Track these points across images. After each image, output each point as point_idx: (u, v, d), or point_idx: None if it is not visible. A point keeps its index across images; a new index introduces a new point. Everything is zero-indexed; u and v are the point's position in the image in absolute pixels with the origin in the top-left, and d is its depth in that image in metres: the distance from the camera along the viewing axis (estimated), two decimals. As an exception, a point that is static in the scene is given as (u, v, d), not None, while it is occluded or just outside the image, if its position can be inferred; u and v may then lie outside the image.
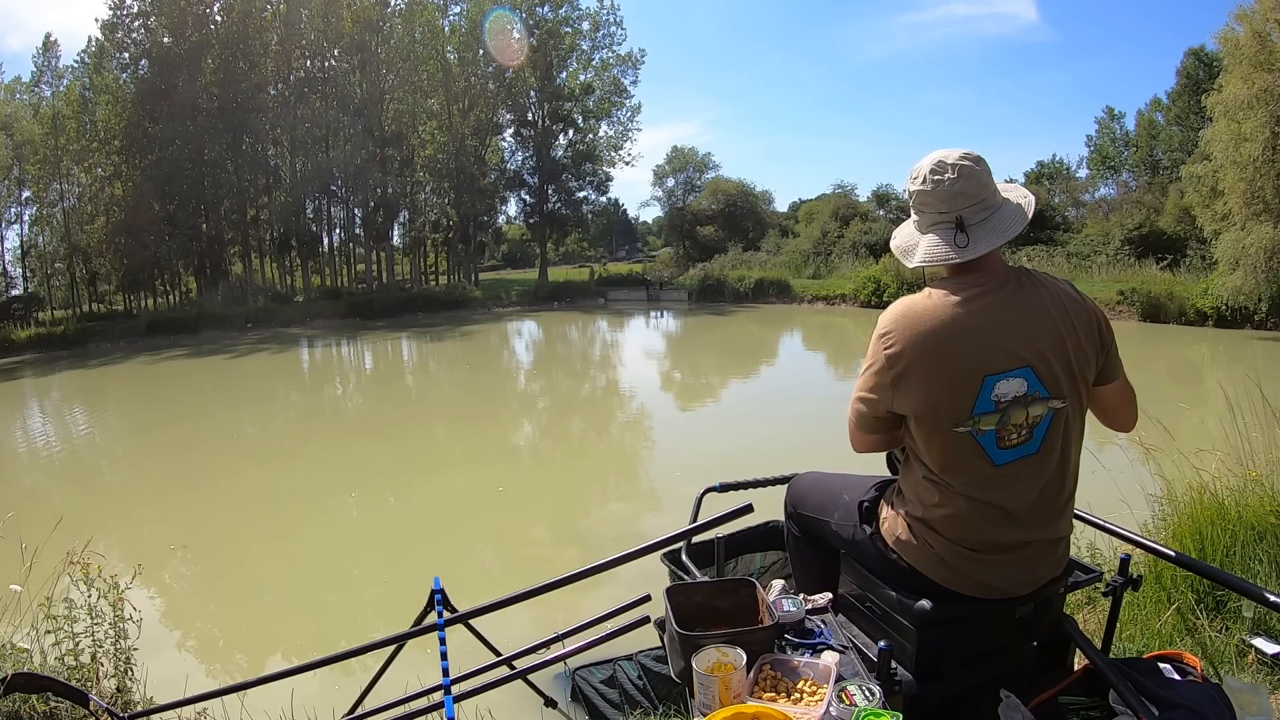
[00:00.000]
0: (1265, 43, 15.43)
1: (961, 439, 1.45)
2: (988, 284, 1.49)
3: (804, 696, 1.38)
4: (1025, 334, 1.45)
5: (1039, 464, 1.48)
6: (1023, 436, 1.46)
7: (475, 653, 2.42)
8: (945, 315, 1.45)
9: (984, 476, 1.46)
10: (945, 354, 1.45)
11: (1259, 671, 2.30)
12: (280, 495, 7.83)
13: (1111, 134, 32.61)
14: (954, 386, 1.44)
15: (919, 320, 1.46)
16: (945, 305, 1.47)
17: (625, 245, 58.43)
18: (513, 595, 1.84)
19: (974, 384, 1.44)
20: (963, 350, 1.44)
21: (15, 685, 2.03)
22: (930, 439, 1.48)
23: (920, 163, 1.56)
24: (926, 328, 1.45)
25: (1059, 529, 1.54)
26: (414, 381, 17.48)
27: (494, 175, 36.77)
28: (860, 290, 24.92)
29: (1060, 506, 1.53)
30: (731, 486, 2.47)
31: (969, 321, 1.45)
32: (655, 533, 1.97)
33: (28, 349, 23.69)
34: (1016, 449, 1.46)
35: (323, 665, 2.05)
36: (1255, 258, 15.53)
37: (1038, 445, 1.47)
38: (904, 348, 1.46)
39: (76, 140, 27.86)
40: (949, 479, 1.48)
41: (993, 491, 1.47)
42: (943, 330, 1.45)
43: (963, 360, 1.44)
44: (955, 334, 1.45)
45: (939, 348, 1.45)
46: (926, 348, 1.45)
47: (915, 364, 1.45)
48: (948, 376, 1.44)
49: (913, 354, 1.45)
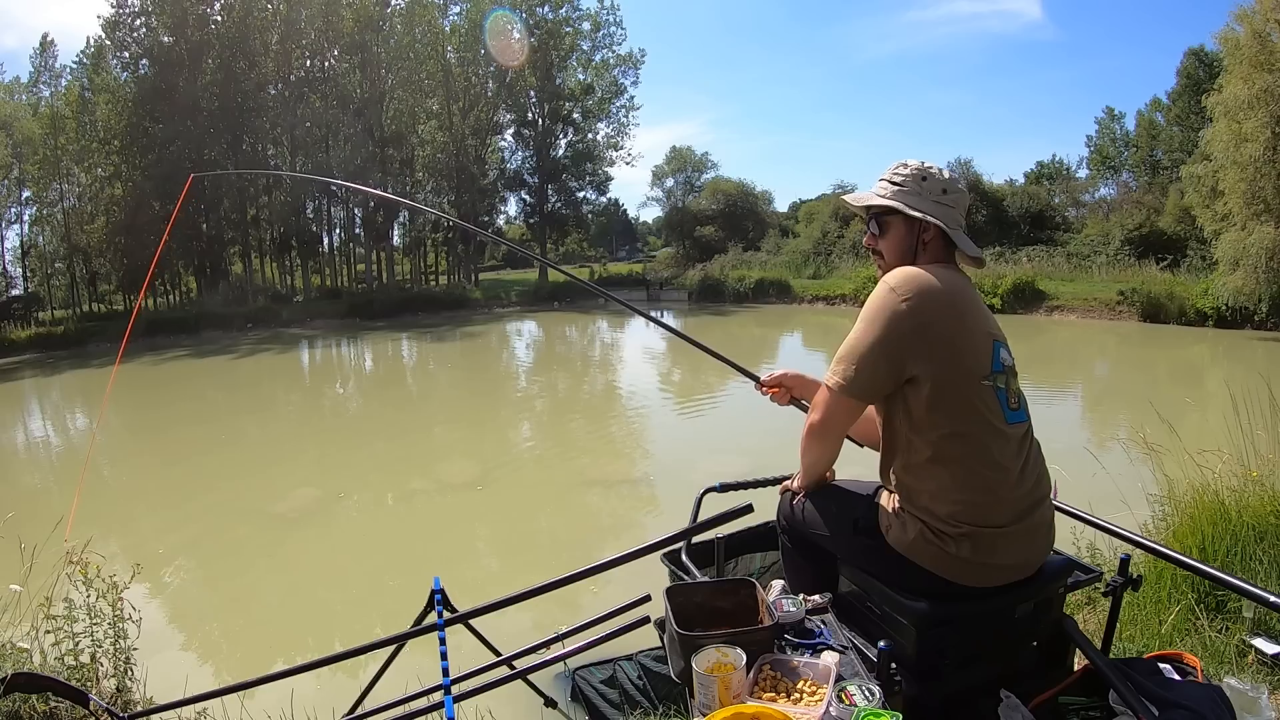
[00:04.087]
0: (1265, 43, 15.44)
1: (986, 392, 1.51)
2: (962, 275, 1.65)
3: (804, 697, 1.38)
4: (992, 318, 1.62)
5: (1029, 432, 1.59)
6: (1017, 403, 1.56)
7: (475, 653, 2.42)
8: (952, 282, 1.56)
9: (995, 434, 1.50)
10: (963, 313, 1.54)
11: (1259, 671, 2.30)
12: (280, 495, 7.83)
13: (1111, 134, 32.63)
14: (975, 343, 1.53)
15: (934, 282, 1.53)
16: (950, 277, 1.58)
17: (625, 245, 58.39)
18: (513, 595, 1.84)
19: (989, 345, 1.54)
20: (975, 314, 1.56)
21: (15, 685, 2.03)
22: (947, 394, 1.50)
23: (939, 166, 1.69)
24: (945, 289, 1.53)
25: (1047, 504, 1.61)
26: (414, 382, 17.48)
27: (494, 175, 36.77)
28: (861, 290, 24.91)
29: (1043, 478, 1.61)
30: (731, 486, 2.46)
31: (970, 294, 1.59)
32: (655, 533, 1.97)
33: (28, 349, 23.68)
34: (1015, 413, 1.55)
35: (323, 665, 2.04)
36: (1256, 258, 15.54)
37: (1026, 416, 1.59)
38: (923, 301, 1.51)
39: (76, 140, 27.84)
40: (960, 442, 1.49)
41: (1001, 451, 1.51)
42: (957, 295, 1.55)
43: (977, 322, 1.55)
44: (967, 301, 1.56)
45: (957, 308, 1.53)
46: (943, 305, 1.52)
47: (938, 318, 1.51)
48: (969, 332, 1.53)
49: (934, 309, 1.51)
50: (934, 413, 1.50)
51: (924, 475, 1.53)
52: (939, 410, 1.49)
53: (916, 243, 1.65)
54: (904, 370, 1.51)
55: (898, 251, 1.67)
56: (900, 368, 1.51)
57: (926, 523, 1.52)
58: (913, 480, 1.55)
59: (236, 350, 22.08)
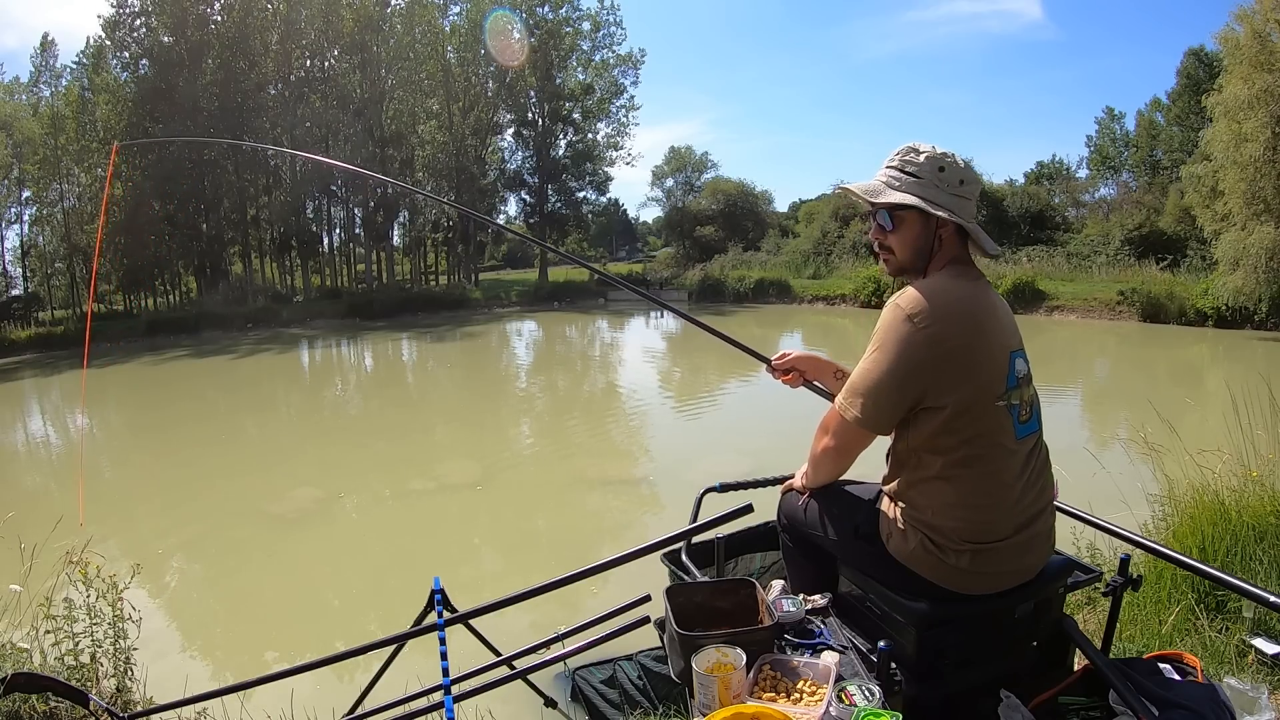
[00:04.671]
0: (1265, 43, 15.44)
1: (999, 412, 1.47)
2: (979, 277, 1.57)
3: (804, 697, 1.38)
4: (1010, 321, 1.55)
5: (1039, 442, 1.56)
6: (1028, 414, 1.52)
7: (475, 653, 2.41)
8: (970, 295, 1.49)
9: (1005, 453, 1.48)
10: (983, 331, 1.47)
11: (1259, 671, 2.30)
12: (280, 495, 7.82)
13: (1111, 134, 32.62)
14: (993, 362, 1.47)
15: (952, 301, 1.46)
16: (966, 287, 1.50)
17: (625, 245, 58.39)
18: (513, 595, 1.84)
19: (1005, 359, 1.49)
20: (994, 327, 1.49)
21: (15, 685, 2.03)
22: (963, 419, 1.45)
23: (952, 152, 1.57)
24: (963, 307, 1.47)
25: (1049, 512, 1.59)
26: (414, 382, 17.48)
27: (494, 175, 36.77)
28: (860, 290, 24.93)
29: (1048, 484, 1.59)
30: (731, 487, 2.46)
31: (988, 302, 1.52)
32: (655, 533, 1.97)
33: (28, 349, 23.70)
34: (1026, 425, 1.51)
35: (323, 665, 2.04)
36: (1256, 258, 15.54)
37: (1037, 424, 1.55)
38: (943, 329, 1.43)
39: (76, 140, 27.84)
40: (969, 463, 1.47)
41: (1008, 469, 1.49)
42: (977, 309, 1.48)
43: (995, 337, 1.49)
44: (986, 312, 1.50)
45: (977, 326, 1.47)
46: (966, 325, 1.46)
47: (957, 345, 1.44)
48: (988, 352, 1.47)
49: (954, 335, 1.44)
50: (945, 435, 1.47)
51: (929, 491, 1.51)
52: (951, 434, 1.47)
53: (933, 239, 1.54)
54: (921, 400, 1.47)
55: (912, 250, 1.57)
56: (918, 398, 1.47)
57: (927, 535, 1.51)
58: (917, 495, 1.54)
59: (236, 350, 22.08)
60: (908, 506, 1.55)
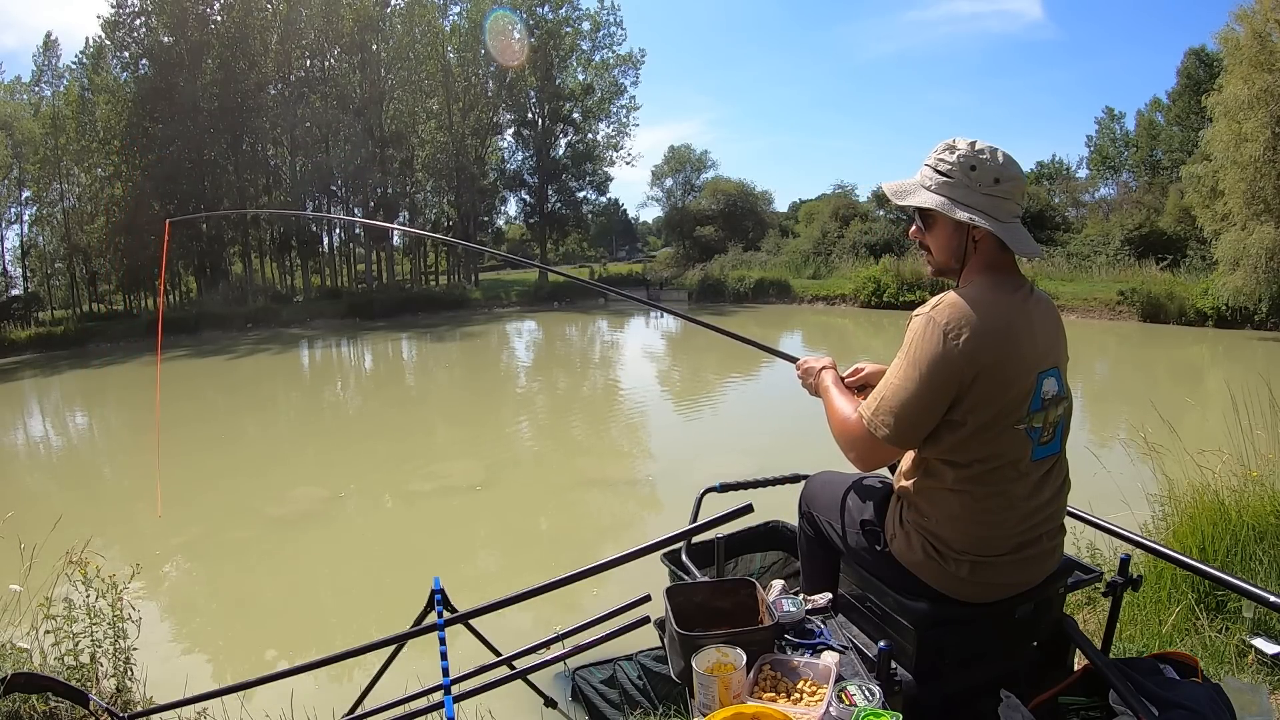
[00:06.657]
0: (1265, 43, 15.44)
1: (1017, 435, 1.44)
2: (1022, 285, 1.49)
3: (804, 697, 1.38)
4: (1050, 335, 1.49)
5: (1058, 462, 1.53)
6: (1050, 435, 1.48)
7: (475, 653, 2.41)
8: (1006, 311, 1.43)
9: (1018, 475, 1.46)
10: (1015, 349, 1.42)
11: (1259, 671, 2.30)
12: (280, 495, 7.83)
13: (1111, 134, 32.62)
14: (1020, 383, 1.43)
15: (986, 316, 1.41)
16: (1002, 301, 1.44)
17: (625, 245, 58.38)
18: (513, 595, 1.84)
19: (1032, 380, 1.44)
20: (1025, 346, 1.43)
21: (15, 685, 2.03)
22: (979, 439, 1.43)
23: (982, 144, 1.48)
24: (997, 323, 1.41)
25: (1058, 531, 1.57)
26: (414, 382, 17.48)
27: (494, 175, 36.76)
28: (860, 290, 24.90)
29: (1060, 509, 1.57)
30: (731, 486, 2.46)
31: (1023, 318, 1.45)
32: (655, 533, 1.97)
33: (28, 349, 23.70)
34: (1045, 447, 1.48)
35: (323, 665, 2.04)
36: (1256, 258, 15.54)
37: (1059, 445, 1.51)
38: (978, 345, 1.39)
39: (76, 140, 27.85)
40: (981, 479, 1.45)
41: (1019, 490, 1.47)
42: (1009, 327, 1.42)
43: (1025, 356, 1.43)
44: (1019, 330, 1.43)
45: (1010, 343, 1.41)
46: (999, 343, 1.40)
47: (990, 362, 1.39)
48: (1016, 373, 1.42)
49: (988, 352, 1.39)
50: (961, 451, 1.46)
51: (938, 501, 1.51)
52: (968, 450, 1.45)
53: (966, 242, 1.48)
54: (948, 414, 1.45)
55: (945, 252, 1.52)
56: (945, 412, 1.45)
57: (931, 543, 1.51)
58: (925, 502, 1.53)
59: (236, 350, 22.08)
60: (915, 511, 1.55)
